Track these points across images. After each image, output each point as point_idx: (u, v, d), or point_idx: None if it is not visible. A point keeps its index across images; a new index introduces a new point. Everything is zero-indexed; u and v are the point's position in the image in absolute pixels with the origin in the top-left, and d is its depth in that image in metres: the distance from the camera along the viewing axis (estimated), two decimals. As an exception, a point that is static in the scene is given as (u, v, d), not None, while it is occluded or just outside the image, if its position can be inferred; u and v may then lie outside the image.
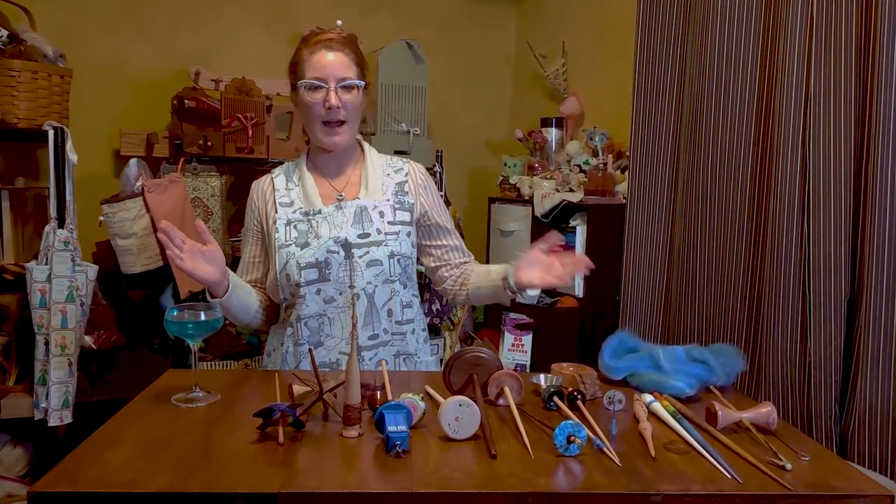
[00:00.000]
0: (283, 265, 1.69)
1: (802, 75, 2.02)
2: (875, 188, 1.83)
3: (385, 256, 1.70)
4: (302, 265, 1.68)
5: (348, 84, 1.69)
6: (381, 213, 1.73)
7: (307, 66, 1.69)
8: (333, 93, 1.66)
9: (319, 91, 1.67)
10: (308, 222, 1.71)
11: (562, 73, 3.64)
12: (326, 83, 1.67)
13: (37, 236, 2.63)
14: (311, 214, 1.72)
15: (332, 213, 1.72)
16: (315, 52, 1.69)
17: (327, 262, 1.68)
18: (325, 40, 1.70)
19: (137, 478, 1.06)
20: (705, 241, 2.37)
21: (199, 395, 1.43)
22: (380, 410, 1.23)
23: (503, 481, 1.08)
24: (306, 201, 1.74)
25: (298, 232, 1.70)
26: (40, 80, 2.59)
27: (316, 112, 1.68)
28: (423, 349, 1.83)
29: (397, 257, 1.72)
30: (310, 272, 1.68)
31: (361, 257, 1.69)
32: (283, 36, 3.61)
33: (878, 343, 1.84)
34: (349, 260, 1.69)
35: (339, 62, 1.68)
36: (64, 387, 2.45)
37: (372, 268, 1.70)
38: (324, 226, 1.70)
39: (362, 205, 1.73)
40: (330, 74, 1.67)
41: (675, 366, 1.51)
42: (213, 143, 2.99)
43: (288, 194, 1.77)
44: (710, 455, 1.19)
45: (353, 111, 1.71)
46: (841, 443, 1.96)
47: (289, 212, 1.73)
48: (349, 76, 1.69)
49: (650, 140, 2.59)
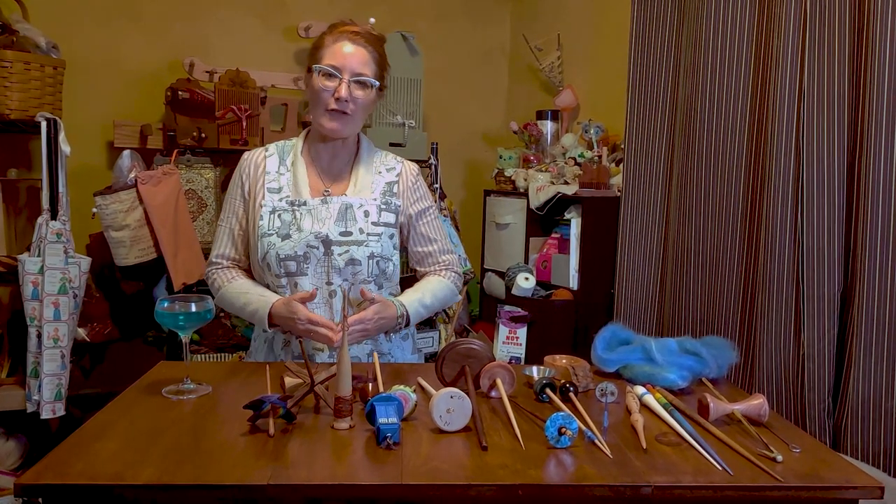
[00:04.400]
0: (264, 254, 1.68)
1: (796, 69, 2.01)
2: (868, 182, 1.83)
3: (364, 257, 1.69)
4: (281, 257, 1.67)
5: (362, 80, 1.67)
6: (366, 213, 1.72)
7: (326, 52, 1.67)
8: (345, 85, 1.65)
9: (332, 80, 1.66)
10: (292, 213, 1.70)
11: (557, 65, 3.63)
12: (341, 74, 1.65)
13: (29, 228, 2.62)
14: (296, 205, 1.70)
15: (317, 207, 1.70)
16: (337, 41, 1.67)
17: (306, 257, 1.67)
18: (350, 32, 1.68)
19: (125, 470, 1.06)
20: (699, 234, 2.37)
21: (190, 386, 1.42)
22: (371, 402, 1.23)
23: (494, 473, 1.08)
24: (294, 190, 1.72)
25: (282, 222, 1.69)
26: (33, 71, 2.58)
27: (324, 99, 1.66)
28: (399, 346, 1.81)
29: (377, 259, 1.71)
30: (289, 264, 1.67)
31: (341, 255, 1.67)
32: (278, 27, 3.59)
33: (870, 335, 1.84)
34: (328, 256, 1.67)
35: (359, 56, 1.67)
36: (56, 379, 2.44)
37: (350, 266, 1.68)
38: (307, 219, 1.69)
39: (348, 202, 1.71)
40: (346, 66, 1.65)
41: (668, 358, 1.50)
42: (207, 135, 2.97)
43: (278, 179, 1.75)
44: (702, 447, 1.19)
45: (362, 108, 1.69)
46: (834, 435, 1.96)
47: (275, 199, 1.72)
48: (365, 72, 1.67)
49: (645, 133, 2.59)
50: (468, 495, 1.05)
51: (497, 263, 3.36)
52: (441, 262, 1.86)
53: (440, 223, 1.88)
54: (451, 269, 1.87)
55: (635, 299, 2.64)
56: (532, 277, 3.03)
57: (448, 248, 1.88)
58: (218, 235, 1.81)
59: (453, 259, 1.89)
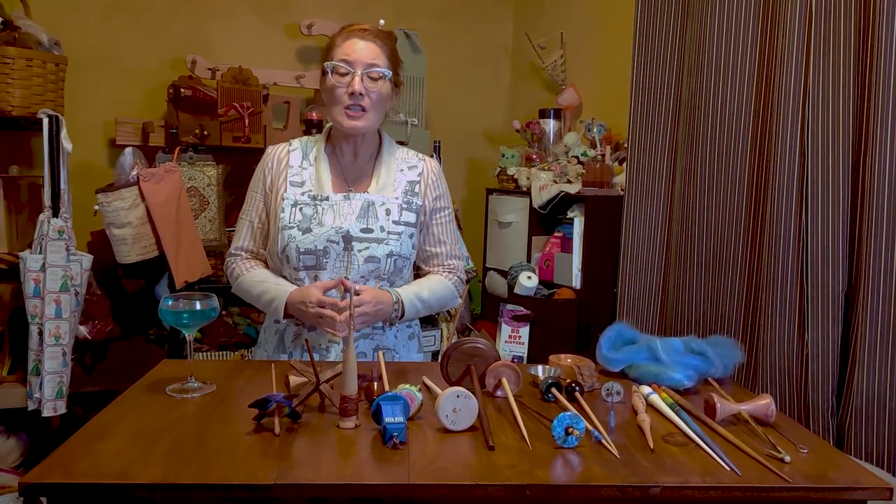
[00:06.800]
0: (284, 247, 1.69)
1: (801, 67, 2.00)
2: (873, 181, 1.82)
3: (384, 255, 1.69)
4: (301, 250, 1.68)
5: (375, 72, 1.67)
6: (388, 211, 1.72)
7: (337, 50, 1.69)
8: (358, 78, 1.65)
9: (345, 76, 1.67)
10: (314, 207, 1.70)
11: (560, 64, 3.62)
12: (353, 68, 1.66)
13: (31, 225, 2.61)
14: (318, 200, 1.71)
15: (339, 203, 1.71)
16: (348, 39, 1.69)
17: (325, 251, 1.68)
18: (359, 30, 1.70)
19: (130, 469, 1.05)
20: (703, 234, 2.37)
21: (194, 385, 1.41)
22: (377, 401, 1.23)
23: (501, 473, 1.08)
24: (317, 184, 1.73)
25: (303, 216, 1.70)
26: (35, 68, 2.57)
27: (339, 96, 1.67)
28: (405, 345, 1.82)
29: (395, 257, 1.71)
30: (308, 258, 1.68)
31: (360, 252, 1.68)
32: (280, 25, 3.58)
33: (875, 335, 1.84)
34: (348, 252, 1.68)
35: (369, 50, 1.68)
36: (58, 377, 2.43)
37: (368, 264, 1.69)
38: (328, 214, 1.70)
39: (370, 199, 1.72)
40: (357, 60, 1.66)
41: (674, 358, 1.50)
42: (210, 133, 2.97)
43: (301, 173, 1.75)
44: (709, 447, 1.18)
45: (378, 100, 1.70)
46: (838, 435, 1.96)
47: (298, 192, 1.72)
48: (377, 64, 1.68)
49: (648, 131, 2.58)
50: (476, 495, 1.05)
51: (499, 262, 3.35)
52: (446, 266, 1.86)
53: (453, 227, 1.88)
54: (454, 272, 1.87)
55: (638, 298, 2.63)
56: (534, 276, 3.03)
57: (456, 253, 1.88)
58: (238, 228, 1.83)
59: (459, 265, 1.88)
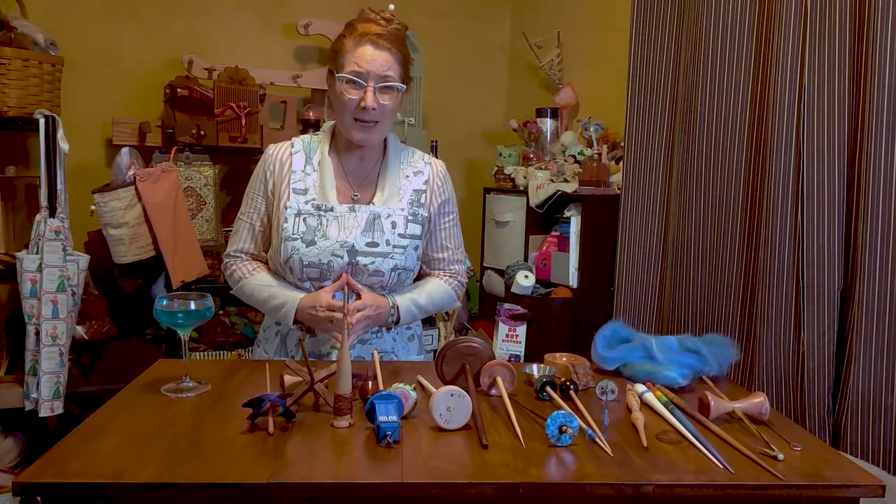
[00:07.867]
0: (287, 258, 1.66)
1: (797, 66, 2.01)
2: (868, 180, 1.83)
3: (388, 269, 1.68)
4: (305, 263, 1.65)
5: (388, 85, 1.63)
6: (394, 224, 1.69)
7: (349, 58, 1.62)
8: (371, 93, 1.60)
9: (357, 89, 1.62)
10: (319, 218, 1.67)
11: (557, 63, 3.62)
12: (366, 81, 1.61)
13: (28, 225, 2.61)
14: (323, 210, 1.67)
15: (344, 215, 1.67)
16: (360, 46, 1.62)
17: (329, 265, 1.65)
18: (373, 34, 1.62)
19: (125, 468, 1.05)
20: (699, 232, 2.37)
21: (189, 385, 1.41)
22: (371, 400, 1.23)
23: (495, 471, 1.08)
24: (321, 193, 1.69)
25: (307, 227, 1.66)
26: (31, 68, 2.57)
27: (349, 108, 1.63)
28: (405, 347, 1.81)
29: (399, 271, 1.70)
30: (311, 270, 1.66)
31: (365, 266, 1.66)
32: (277, 24, 3.58)
33: (870, 333, 1.84)
34: (352, 265, 1.66)
35: (383, 61, 1.62)
36: (55, 377, 2.43)
37: (372, 277, 1.68)
38: (333, 226, 1.66)
39: (376, 212, 1.68)
40: (371, 72, 1.60)
41: (668, 356, 1.50)
42: (206, 133, 2.97)
43: (304, 179, 1.71)
44: (703, 445, 1.18)
45: (389, 113, 1.66)
46: (834, 433, 1.96)
47: (301, 201, 1.68)
48: (390, 76, 1.63)
49: (645, 131, 2.58)
50: (469, 494, 1.05)
51: (497, 261, 3.36)
52: (447, 270, 1.84)
53: (457, 231, 1.85)
54: (456, 277, 1.85)
55: (635, 297, 2.63)
56: (532, 275, 3.03)
57: (459, 258, 1.86)
58: (238, 229, 1.77)
59: (461, 269, 1.87)
